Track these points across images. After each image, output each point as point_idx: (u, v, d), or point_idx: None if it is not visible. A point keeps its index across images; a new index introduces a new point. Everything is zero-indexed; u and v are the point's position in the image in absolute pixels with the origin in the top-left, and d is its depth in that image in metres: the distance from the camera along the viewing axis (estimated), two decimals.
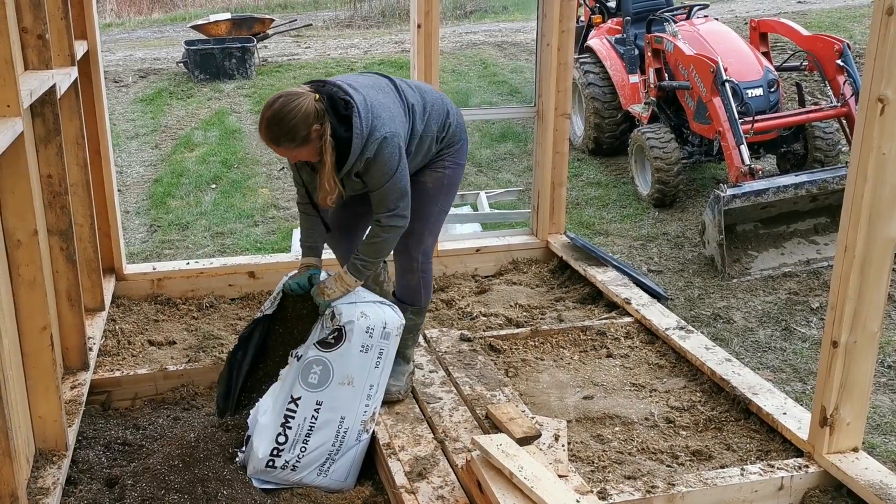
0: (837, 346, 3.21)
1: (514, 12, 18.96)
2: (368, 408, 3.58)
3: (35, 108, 3.44)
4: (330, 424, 3.49)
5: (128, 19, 19.74)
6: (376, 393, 3.61)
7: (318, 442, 3.47)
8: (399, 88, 3.64)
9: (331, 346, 3.48)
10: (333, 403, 3.48)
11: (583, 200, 7.80)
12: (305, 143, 3.32)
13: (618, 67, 8.43)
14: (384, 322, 3.56)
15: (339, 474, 3.54)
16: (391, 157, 3.41)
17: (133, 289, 5.08)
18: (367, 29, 17.94)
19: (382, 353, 3.57)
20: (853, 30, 12.48)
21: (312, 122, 3.28)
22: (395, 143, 3.42)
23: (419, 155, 3.70)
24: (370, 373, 3.55)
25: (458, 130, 3.82)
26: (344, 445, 3.52)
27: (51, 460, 3.24)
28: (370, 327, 3.51)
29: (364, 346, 3.51)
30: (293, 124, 3.25)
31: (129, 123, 10.90)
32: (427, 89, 3.81)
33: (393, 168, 3.43)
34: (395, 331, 3.60)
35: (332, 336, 3.49)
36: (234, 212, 7.68)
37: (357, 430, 3.55)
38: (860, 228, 3.06)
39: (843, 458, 3.35)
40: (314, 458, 3.48)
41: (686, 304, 5.58)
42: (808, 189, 5.96)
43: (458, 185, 3.91)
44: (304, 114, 3.26)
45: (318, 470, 3.49)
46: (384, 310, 3.61)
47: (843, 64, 6.74)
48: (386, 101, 3.50)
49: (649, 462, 3.57)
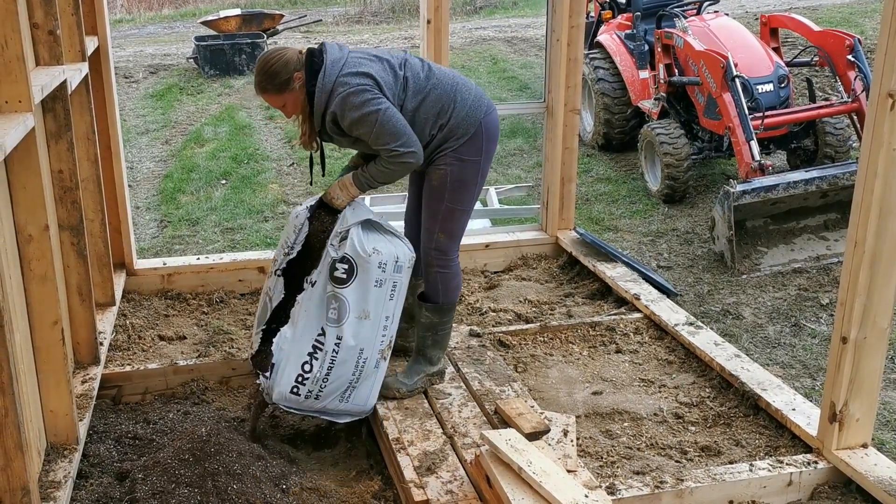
0: (847, 342, 3.21)
1: (524, 8, 18.91)
2: (385, 337, 3.70)
3: (46, 104, 3.46)
4: (350, 357, 3.62)
5: (138, 15, 19.79)
6: (392, 323, 3.73)
7: (339, 373, 3.62)
8: (405, 61, 3.70)
9: (344, 282, 3.56)
10: (352, 337, 3.60)
11: (592, 196, 7.79)
12: (287, 89, 3.57)
13: (628, 63, 8.41)
14: (396, 256, 3.64)
15: (360, 400, 3.72)
16: (362, 106, 3.50)
17: (143, 284, 5.10)
18: (376, 24, 17.94)
19: (396, 286, 3.67)
20: (864, 25, 12.41)
21: (293, 69, 3.55)
22: (361, 94, 3.50)
23: (415, 131, 3.66)
24: (385, 304, 3.66)
25: (464, 122, 3.68)
26: (363, 374, 3.67)
27: (62, 454, 3.26)
28: (382, 262, 3.60)
29: (378, 281, 3.60)
30: (274, 70, 3.54)
31: (139, 119, 10.93)
32: (444, 73, 3.75)
33: (370, 114, 3.51)
34: (406, 263, 3.70)
35: (344, 271, 3.56)
36: (244, 207, 7.70)
37: (375, 359, 3.68)
38: (870, 224, 3.05)
39: (852, 455, 3.35)
40: (336, 387, 3.64)
41: (695, 300, 5.57)
42: (819, 185, 5.94)
43: (469, 182, 3.76)
44: (283, 61, 3.55)
45: (340, 397, 3.68)
46: (395, 243, 3.69)
47: (854, 59, 6.71)
48: (367, 62, 3.59)
49: (658, 457, 3.57)
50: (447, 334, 3.99)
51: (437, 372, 3.96)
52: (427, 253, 3.85)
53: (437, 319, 3.91)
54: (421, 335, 3.93)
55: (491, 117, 3.80)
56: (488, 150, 3.79)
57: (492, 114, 3.81)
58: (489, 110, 3.80)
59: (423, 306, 3.90)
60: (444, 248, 3.83)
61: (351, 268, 3.55)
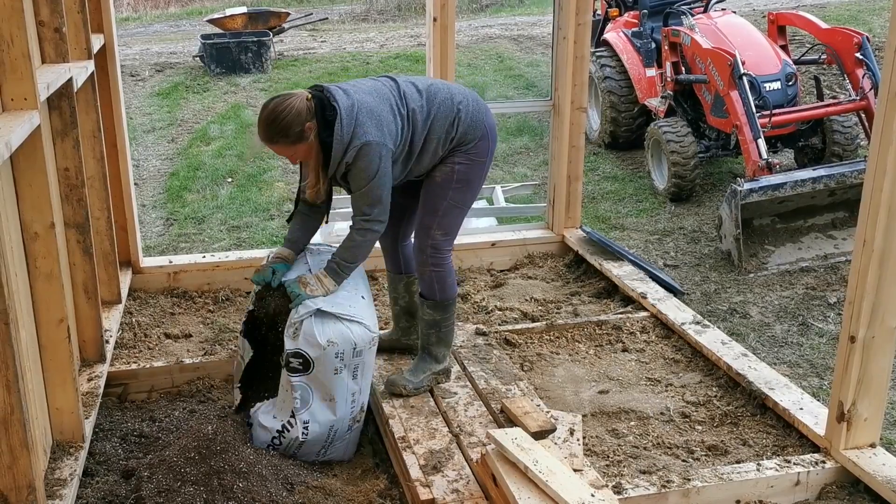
0: (855, 342, 3.19)
1: (531, 6, 18.89)
2: (355, 407, 3.65)
3: (52, 102, 3.46)
4: (320, 432, 3.59)
5: (144, 13, 19.80)
6: (360, 395, 3.66)
7: (311, 443, 3.61)
8: (402, 94, 3.62)
9: (300, 373, 3.49)
10: (320, 417, 3.57)
11: (599, 194, 7.78)
12: (300, 141, 3.46)
13: (634, 61, 8.39)
14: (353, 343, 3.50)
15: (337, 453, 3.71)
16: (370, 163, 3.45)
17: (149, 282, 5.10)
18: (383, 23, 17.93)
19: (358, 367, 3.58)
20: (873, 23, 12.37)
21: (305, 119, 3.43)
22: (375, 150, 3.45)
23: (426, 156, 3.68)
24: (349, 385, 3.58)
25: (471, 129, 3.70)
26: (336, 438, 3.65)
27: (68, 452, 3.26)
28: (339, 352, 3.49)
29: (337, 369, 3.52)
30: (287, 122, 3.40)
31: (145, 117, 10.94)
32: (437, 90, 3.72)
33: (371, 174, 3.47)
34: (367, 346, 3.56)
35: (300, 363, 3.48)
36: (250, 205, 7.70)
37: (347, 426, 3.65)
38: (879, 223, 3.03)
39: (860, 454, 3.33)
40: (309, 450, 3.64)
41: (702, 299, 5.55)
42: (826, 183, 5.92)
43: (474, 181, 3.80)
44: (296, 111, 3.41)
45: (316, 455, 3.67)
46: (352, 329, 3.51)
47: (863, 57, 6.68)
48: (377, 108, 3.51)
49: (665, 457, 3.56)
50: (450, 331, 3.97)
51: (442, 370, 3.95)
52: (423, 251, 3.83)
53: (439, 316, 3.90)
54: (424, 333, 3.93)
55: (491, 118, 3.83)
56: (492, 151, 3.83)
57: (489, 113, 3.83)
58: (488, 112, 3.83)
59: (424, 303, 3.90)
60: (439, 245, 3.82)
61: (306, 361, 3.47)
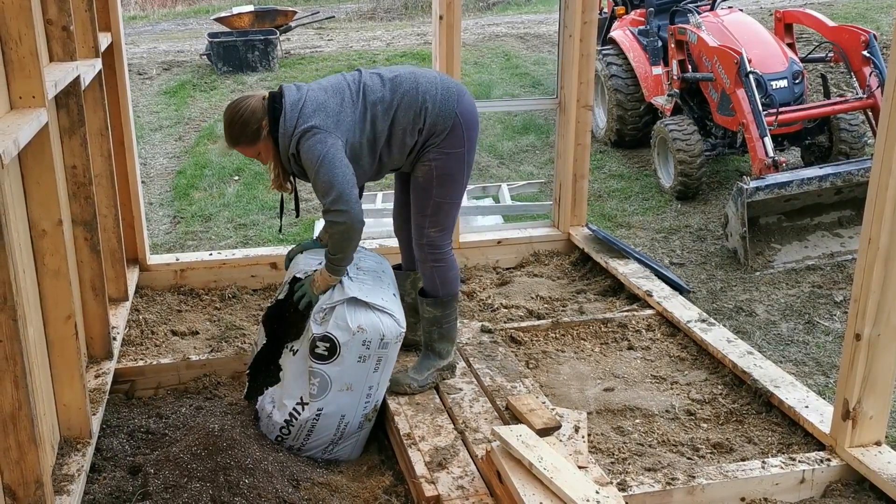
0: (860, 340, 3.19)
1: (537, 4, 18.88)
2: (369, 403, 3.67)
3: (60, 100, 3.47)
4: (331, 422, 3.60)
5: (152, 12, 19.84)
6: (377, 391, 3.68)
7: (319, 436, 3.63)
8: (362, 86, 3.60)
9: (325, 359, 3.51)
10: (334, 407, 3.58)
11: (605, 192, 7.78)
12: (257, 139, 3.57)
13: (641, 59, 8.39)
14: (382, 334, 3.54)
15: (344, 452, 3.73)
16: (311, 148, 3.46)
17: (156, 279, 5.12)
18: (389, 21, 17.94)
19: (381, 360, 3.60)
20: (880, 21, 12.33)
21: (260, 117, 3.52)
22: (316, 136, 3.46)
23: (395, 146, 3.64)
24: (369, 376, 3.60)
25: (440, 118, 3.62)
26: (346, 435, 3.66)
27: (75, 448, 3.28)
28: (367, 340, 3.52)
29: (361, 357, 3.54)
30: (243, 121, 3.52)
31: (152, 115, 10.97)
32: (402, 80, 3.64)
33: (315, 159, 3.46)
34: (393, 339, 3.59)
35: (325, 349, 3.49)
36: (257, 203, 7.72)
37: (358, 422, 3.66)
38: (885, 221, 3.03)
39: (865, 452, 3.33)
40: (317, 444, 3.66)
41: (708, 297, 5.55)
42: (833, 181, 5.91)
43: (456, 174, 3.72)
44: (250, 110, 3.52)
45: (323, 450, 3.68)
46: (383, 320, 3.56)
47: (870, 55, 6.67)
48: (326, 101, 3.52)
49: (670, 454, 3.56)
50: (452, 327, 3.96)
51: (447, 366, 3.96)
52: (420, 249, 3.84)
53: (440, 313, 3.89)
54: (426, 330, 3.93)
55: (464, 104, 3.70)
56: (470, 138, 3.71)
57: (464, 99, 3.71)
58: (460, 97, 3.69)
59: (424, 301, 3.90)
60: (435, 242, 3.81)
61: (333, 346, 3.48)
